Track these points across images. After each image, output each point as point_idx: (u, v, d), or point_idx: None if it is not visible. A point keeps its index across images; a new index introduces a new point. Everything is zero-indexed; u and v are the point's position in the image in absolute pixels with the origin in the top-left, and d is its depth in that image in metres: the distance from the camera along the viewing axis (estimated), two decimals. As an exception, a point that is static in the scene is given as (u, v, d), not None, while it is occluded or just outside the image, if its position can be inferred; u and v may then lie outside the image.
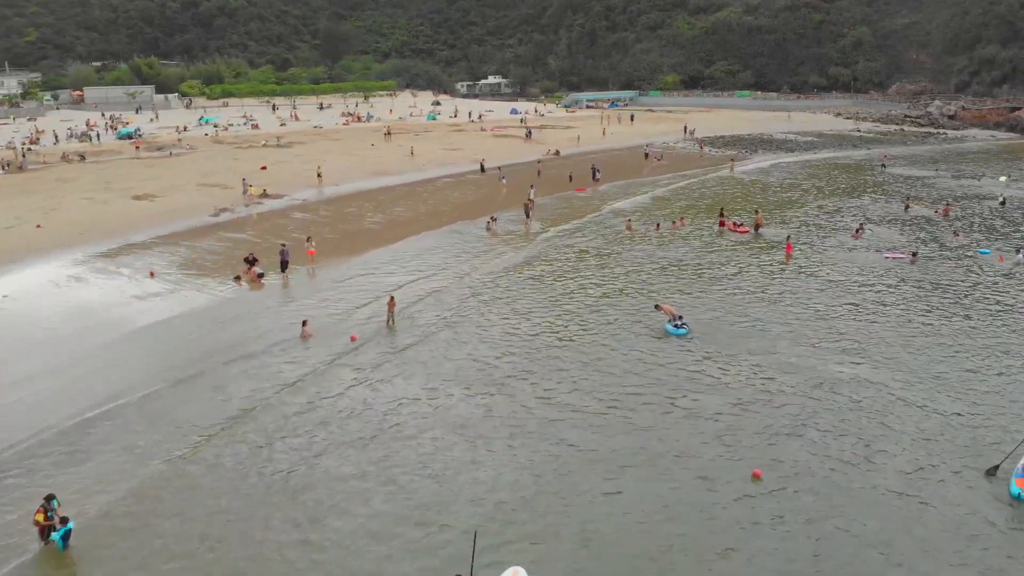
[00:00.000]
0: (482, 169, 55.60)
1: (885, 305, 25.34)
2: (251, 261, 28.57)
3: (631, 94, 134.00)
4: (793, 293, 26.77)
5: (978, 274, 29.21)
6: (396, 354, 21.06)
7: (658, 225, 36.84)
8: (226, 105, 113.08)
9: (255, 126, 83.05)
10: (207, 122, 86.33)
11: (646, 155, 63.77)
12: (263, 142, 68.88)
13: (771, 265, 30.53)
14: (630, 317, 23.97)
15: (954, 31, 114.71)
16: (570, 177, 51.53)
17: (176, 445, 16.06)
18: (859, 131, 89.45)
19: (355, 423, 17.02)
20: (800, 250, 32.56)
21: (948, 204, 42.15)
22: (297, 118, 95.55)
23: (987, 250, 32.81)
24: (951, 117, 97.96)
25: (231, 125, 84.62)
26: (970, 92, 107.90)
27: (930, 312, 24.74)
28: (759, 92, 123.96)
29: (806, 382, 19.01)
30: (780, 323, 23.48)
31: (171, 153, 61.73)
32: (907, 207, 42.15)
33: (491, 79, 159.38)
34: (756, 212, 37.38)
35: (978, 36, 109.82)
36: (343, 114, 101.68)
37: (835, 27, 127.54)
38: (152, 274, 28.63)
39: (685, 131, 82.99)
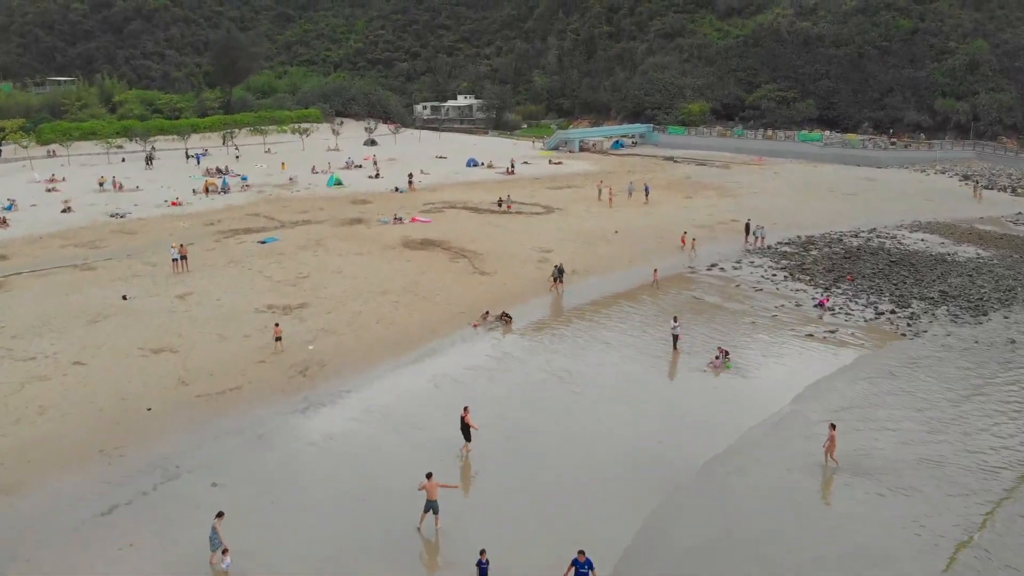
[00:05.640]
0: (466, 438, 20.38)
1: None
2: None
3: (642, 128, 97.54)
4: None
5: None
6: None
7: None
8: (52, 155, 77.54)
9: (3, 221, 47.75)
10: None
11: (675, 340, 28.31)
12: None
13: None
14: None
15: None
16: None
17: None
18: (1032, 220, 53.51)
19: None
20: None
21: None
22: (119, 186, 60.13)
23: None
24: None
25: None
26: None
27: None
28: (828, 132, 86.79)
29: None
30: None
31: None
32: None
33: (461, 100, 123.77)
34: None
35: None
36: (205, 172, 67.16)
37: (936, 39, 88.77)
38: None
39: (747, 234, 46.27)
